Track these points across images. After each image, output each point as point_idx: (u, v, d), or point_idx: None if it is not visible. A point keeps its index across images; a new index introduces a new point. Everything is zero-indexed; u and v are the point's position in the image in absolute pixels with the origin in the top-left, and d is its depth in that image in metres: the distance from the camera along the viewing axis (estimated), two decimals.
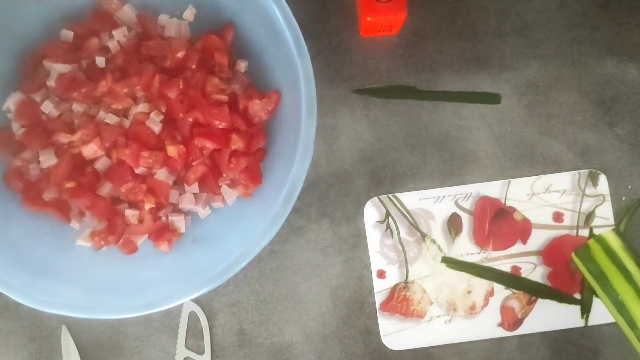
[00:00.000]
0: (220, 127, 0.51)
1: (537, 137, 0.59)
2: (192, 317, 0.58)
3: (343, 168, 0.59)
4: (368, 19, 0.55)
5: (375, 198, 0.59)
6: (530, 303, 0.58)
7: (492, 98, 0.59)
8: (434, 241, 0.59)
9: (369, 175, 0.59)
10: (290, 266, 0.58)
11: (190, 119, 0.51)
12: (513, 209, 0.59)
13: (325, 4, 0.60)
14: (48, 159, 0.52)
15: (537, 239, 0.59)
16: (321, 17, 0.60)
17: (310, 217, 0.59)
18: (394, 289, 0.58)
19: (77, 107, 0.52)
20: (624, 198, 0.59)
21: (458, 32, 0.60)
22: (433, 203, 0.59)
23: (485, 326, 0.58)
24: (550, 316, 0.58)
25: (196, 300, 0.58)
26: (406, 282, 0.58)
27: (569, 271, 0.58)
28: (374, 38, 0.60)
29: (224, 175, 0.53)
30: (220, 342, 0.58)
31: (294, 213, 0.58)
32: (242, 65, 0.55)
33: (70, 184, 0.52)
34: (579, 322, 0.58)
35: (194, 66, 0.52)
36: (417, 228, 0.59)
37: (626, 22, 0.60)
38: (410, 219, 0.59)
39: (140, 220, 0.53)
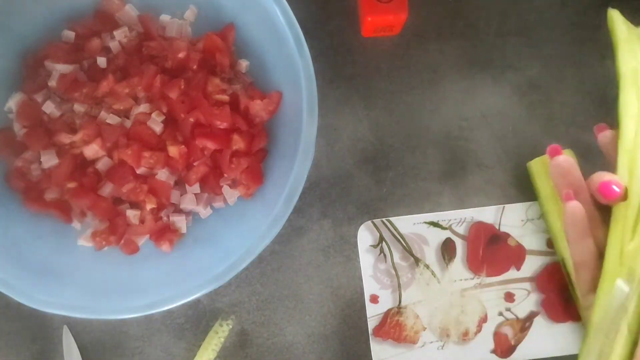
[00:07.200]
0: (221, 127, 0.51)
1: (538, 138, 0.59)
2: (193, 317, 0.58)
3: (344, 168, 0.59)
4: (369, 19, 0.55)
5: (369, 222, 0.58)
6: (524, 330, 0.57)
7: None
8: (427, 266, 0.58)
9: (370, 176, 0.59)
10: (291, 266, 0.58)
11: (192, 119, 0.51)
12: (507, 235, 0.58)
13: (326, 4, 0.60)
14: (49, 160, 0.52)
15: (531, 266, 0.58)
16: (322, 17, 0.60)
17: (312, 218, 0.59)
18: (386, 314, 0.57)
19: (79, 108, 0.52)
20: None
21: (459, 32, 0.60)
22: (427, 228, 0.58)
23: (478, 353, 0.57)
24: (544, 343, 0.57)
25: (197, 300, 0.58)
26: (399, 307, 0.57)
27: (562, 299, 0.57)
28: (375, 38, 0.60)
29: (225, 175, 0.53)
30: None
31: (295, 213, 0.58)
32: (243, 66, 0.55)
33: (71, 184, 0.52)
34: (572, 349, 0.57)
35: (195, 66, 0.52)
36: (410, 253, 0.58)
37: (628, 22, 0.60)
38: (404, 244, 0.58)
39: (142, 221, 0.53)
